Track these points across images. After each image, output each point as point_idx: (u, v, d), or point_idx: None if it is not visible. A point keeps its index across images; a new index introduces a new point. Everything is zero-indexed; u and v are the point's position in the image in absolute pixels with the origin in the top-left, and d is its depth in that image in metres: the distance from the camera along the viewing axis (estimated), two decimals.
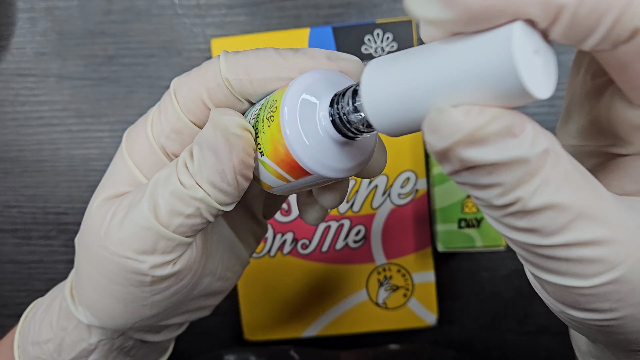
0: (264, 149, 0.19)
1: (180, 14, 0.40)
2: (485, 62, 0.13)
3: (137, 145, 0.23)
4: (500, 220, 0.15)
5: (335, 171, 0.19)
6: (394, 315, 0.39)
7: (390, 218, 0.39)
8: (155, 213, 0.20)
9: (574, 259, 0.14)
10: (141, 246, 0.20)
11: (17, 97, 0.41)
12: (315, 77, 0.19)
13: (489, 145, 0.13)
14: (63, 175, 0.41)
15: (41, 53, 0.41)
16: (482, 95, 0.13)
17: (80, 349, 0.24)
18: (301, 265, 0.39)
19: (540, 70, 0.13)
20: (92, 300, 0.22)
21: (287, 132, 0.18)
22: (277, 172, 0.20)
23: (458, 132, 0.13)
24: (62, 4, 0.40)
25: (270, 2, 0.40)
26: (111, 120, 0.41)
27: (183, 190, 0.20)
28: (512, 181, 0.14)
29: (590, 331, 0.16)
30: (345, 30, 0.37)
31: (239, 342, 0.42)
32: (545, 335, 0.41)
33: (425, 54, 0.15)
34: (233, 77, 0.21)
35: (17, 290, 0.42)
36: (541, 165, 0.13)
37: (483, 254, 0.41)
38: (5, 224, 0.42)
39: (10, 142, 0.41)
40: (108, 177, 0.23)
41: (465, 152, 0.13)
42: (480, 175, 0.14)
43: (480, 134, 0.13)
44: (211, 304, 0.27)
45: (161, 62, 0.40)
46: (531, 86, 0.13)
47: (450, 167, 0.14)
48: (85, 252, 0.22)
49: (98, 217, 0.22)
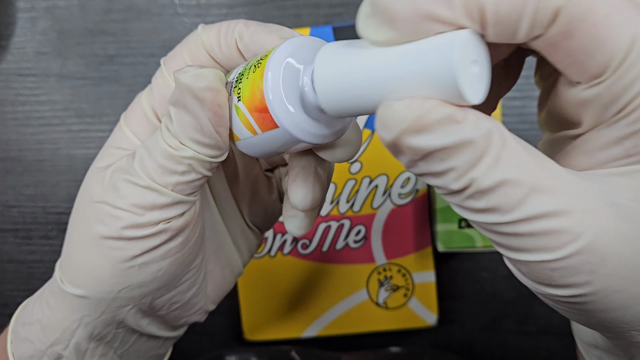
0: (242, 94, 0.20)
1: (180, 13, 0.40)
2: (429, 65, 0.14)
3: (132, 117, 0.24)
4: (461, 205, 0.16)
5: (303, 131, 0.19)
6: (394, 315, 0.39)
7: (391, 218, 0.39)
8: (151, 176, 0.21)
9: (537, 232, 0.15)
10: (141, 202, 0.21)
11: (18, 97, 0.41)
12: (310, 42, 0.20)
13: (434, 132, 0.14)
14: (63, 174, 0.41)
15: (41, 52, 0.41)
16: (425, 93, 0.15)
17: (63, 327, 0.23)
18: (301, 265, 0.39)
19: (476, 78, 0.15)
20: (80, 264, 0.22)
21: (268, 76, 0.19)
22: (247, 121, 0.20)
23: (402, 122, 0.14)
24: (63, 4, 0.40)
25: (271, 2, 0.40)
26: (112, 120, 0.41)
27: (172, 152, 0.20)
28: (463, 164, 0.14)
29: (575, 312, 0.17)
30: (346, 29, 0.37)
31: (239, 342, 0.42)
32: (546, 335, 0.41)
33: (376, 51, 0.16)
34: (205, 40, 0.22)
35: (18, 290, 0.42)
36: (488, 145, 0.14)
37: (483, 254, 0.41)
38: (6, 223, 0.42)
39: (11, 141, 0.41)
40: (106, 147, 0.24)
41: (412, 140, 0.14)
42: (434, 163, 0.15)
43: (423, 122, 0.14)
44: (200, 305, 0.26)
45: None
46: (467, 92, 0.14)
47: (404, 158, 0.15)
48: (81, 210, 0.23)
49: (97, 179, 0.22)
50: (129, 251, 0.21)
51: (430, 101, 0.14)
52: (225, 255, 0.27)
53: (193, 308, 0.26)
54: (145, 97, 0.24)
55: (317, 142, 0.20)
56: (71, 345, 0.24)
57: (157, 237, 0.21)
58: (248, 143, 0.21)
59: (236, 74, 0.21)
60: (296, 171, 0.23)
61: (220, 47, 0.22)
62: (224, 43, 0.22)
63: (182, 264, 0.23)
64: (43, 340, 0.24)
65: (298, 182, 0.22)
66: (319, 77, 0.17)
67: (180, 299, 0.25)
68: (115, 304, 0.23)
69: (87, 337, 0.24)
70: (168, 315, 0.25)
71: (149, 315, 0.25)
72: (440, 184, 0.15)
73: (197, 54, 0.23)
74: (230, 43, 0.22)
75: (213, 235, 0.26)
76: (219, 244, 0.27)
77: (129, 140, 0.24)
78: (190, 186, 0.21)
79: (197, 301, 0.26)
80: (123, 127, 0.24)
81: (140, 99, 0.24)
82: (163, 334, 0.26)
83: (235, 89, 0.20)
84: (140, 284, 0.22)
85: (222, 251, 0.27)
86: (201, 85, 0.19)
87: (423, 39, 0.15)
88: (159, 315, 0.25)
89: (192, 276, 0.25)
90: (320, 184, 0.23)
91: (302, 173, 0.22)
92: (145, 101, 0.24)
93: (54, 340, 0.24)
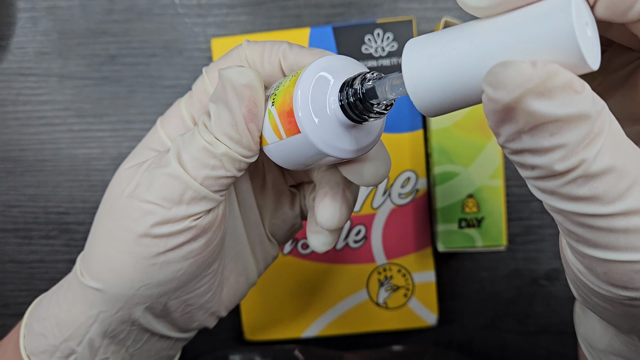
0: (276, 100, 0.20)
1: (181, 13, 0.40)
2: (546, 28, 0.13)
3: (170, 122, 0.24)
4: (558, 191, 0.14)
5: (323, 142, 0.19)
6: (395, 315, 0.40)
7: (391, 218, 0.39)
8: (184, 166, 0.21)
9: (633, 229, 0.14)
10: (169, 194, 0.21)
11: (19, 97, 0.41)
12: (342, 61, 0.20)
13: (556, 98, 0.13)
14: (64, 174, 0.41)
15: (42, 52, 0.41)
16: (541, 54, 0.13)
17: (79, 323, 0.24)
18: (301, 265, 0.39)
19: (590, 42, 0.14)
20: (103, 258, 0.23)
21: (300, 83, 0.19)
22: (276, 124, 0.20)
23: (528, 81, 0.13)
24: (64, 4, 0.40)
25: (272, 2, 0.40)
26: (113, 120, 0.41)
27: (206, 146, 0.21)
28: (575, 141, 0.13)
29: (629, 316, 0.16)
30: (346, 30, 0.37)
31: (239, 342, 0.42)
32: (546, 335, 0.41)
33: (475, 25, 0.15)
34: (249, 56, 0.23)
35: (19, 290, 0.42)
36: (603, 124, 0.13)
37: (483, 254, 0.41)
38: (7, 223, 0.42)
39: (12, 141, 0.41)
40: (138, 147, 0.25)
41: (535, 103, 0.13)
42: (543, 137, 0.13)
43: (549, 85, 0.13)
44: (213, 310, 0.27)
45: (162, 62, 0.40)
46: (587, 55, 0.13)
47: (512, 128, 0.14)
48: (109, 206, 0.23)
49: (128, 175, 0.23)
50: (153, 248, 0.22)
51: (553, 64, 0.13)
52: (243, 263, 0.27)
53: (206, 312, 0.26)
54: (185, 103, 0.24)
55: (337, 155, 0.20)
56: (85, 341, 0.24)
57: (182, 235, 0.22)
58: (274, 148, 0.21)
59: (276, 84, 0.21)
60: (325, 191, 0.23)
61: (262, 64, 0.23)
62: (267, 61, 0.23)
63: (201, 266, 0.23)
64: (57, 335, 0.24)
65: (326, 201, 0.23)
66: (408, 68, 0.16)
67: (195, 302, 0.25)
68: (133, 301, 0.23)
69: (101, 334, 0.24)
70: (181, 317, 0.26)
71: (162, 316, 0.25)
72: (543, 163, 0.14)
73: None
74: (274, 62, 0.23)
75: (234, 242, 0.27)
76: (238, 251, 0.27)
77: (162, 142, 0.24)
78: (218, 183, 0.21)
79: (210, 306, 0.26)
80: (159, 129, 0.24)
81: (179, 104, 0.25)
82: (174, 334, 0.26)
83: (272, 95, 0.21)
84: (160, 282, 0.23)
85: (240, 259, 0.27)
86: (242, 81, 0.20)
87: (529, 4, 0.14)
88: (172, 317, 0.25)
89: (208, 281, 0.25)
90: (347, 205, 0.23)
91: (331, 193, 0.23)
92: (184, 107, 0.24)
93: (68, 335, 0.24)
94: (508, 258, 0.41)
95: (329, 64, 0.20)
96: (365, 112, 0.19)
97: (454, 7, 0.39)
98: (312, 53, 0.22)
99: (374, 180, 0.21)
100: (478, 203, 0.36)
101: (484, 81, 0.14)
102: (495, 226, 0.36)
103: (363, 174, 0.21)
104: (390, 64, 0.38)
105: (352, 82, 0.19)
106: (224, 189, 0.22)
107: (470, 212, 0.36)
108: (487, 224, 0.36)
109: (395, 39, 0.37)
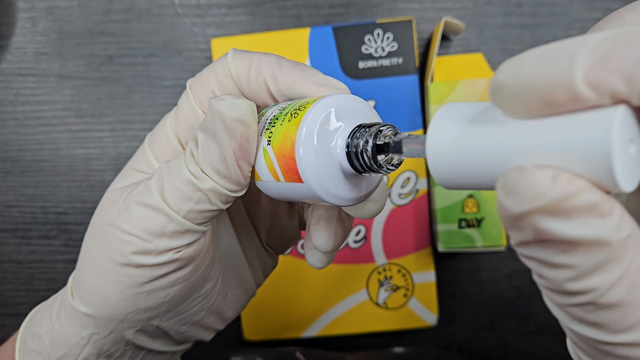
0: (272, 139, 0.19)
1: (180, 13, 0.40)
2: (580, 138, 0.12)
3: (156, 141, 0.23)
4: (564, 308, 0.13)
5: (327, 193, 0.19)
6: (395, 316, 0.39)
7: (391, 218, 0.39)
8: (165, 198, 0.20)
9: (634, 357, 0.13)
10: (150, 227, 0.20)
11: (18, 97, 0.41)
12: (352, 102, 0.19)
13: (572, 219, 0.12)
14: (63, 174, 0.41)
15: (41, 53, 0.41)
16: (569, 165, 0.12)
17: (72, 343, 0.23)
18: (301, 265, 0.39)
19: (632, 162, 0.12)
20: (90, 284, 0.22)
21: (303, 131, 0.18)
22: (273, 166, 0.19)
23: (541, 197, 0.12)
24: (63, 4, 0.40)
25: (271, 2, 0.40)
26: (111, 120, 0.41)
27: (192, 179, 0.20)
28: (587, 265, 0.12)
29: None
30: (346, 30, 0.37)
31: (239, 343, 0.42)
32: (546, 335, 0.41)
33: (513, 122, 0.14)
34: (234, 73, 0.22)
35: (18, 290, 0.42)
36: (623, 253, 0.12)
37: (483, 254, 0.41)
38: (6, 223, 0.42)
39: (11, 141, 0.41)
40: (126, 168, 0.24)
41: (544, 221, 0.12)
42: (553, 252, 0.12)
43: (566, 205, 0.12)
44: (210, 325, 0.26)
45: (161, 62, 0.40)
46: (620, 177, 0.12)
47: (520, 236, 0.13)
48: (94, 231, 0.22)
49: (113, 199, 0.22)
50: (137, 278, 0.21)
51: (579, 180, 0.12)
52: (240, 276, 0.27)
53: (201, 328, 0.26)
54: (170, 122, 0.23)
55: (340, 204, 0.19)
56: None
57: (166, 266, 0.21)
58: (269, 186, 0.20)
59: (271, 116, 0.20)
60: (319, 213, 0.22)
61: (249, 84, 0.22)
62: (254, 81, 0.22)
63: (191, 290, 0.23)
64: (51, 354, 0.24)
65: (321, 225, 0.22)
66: (433, 140, 0.15)
67: (189, 320, 0.25)
68: (124, 325, 0.23)
69: (95, 354, 0.24)
70: (177, 335, 0.25)
71: (157, 336, 0.25)
72: (551, 277, 0.13)
73: (225, 83, 0.22)
74: (261, 82, 0.21)
75: (229, 257, 0.26)
76: (234, 265, 0.26)
77: (149, 163, 0.23)
78: (202, 216, 0.20)
79: (205, 322, 0.26)
80: (146, 150, 0.23)
81: (165, 121, 0.23)
82: (171, 349, 0.26)
83: (267, 131, 0.20)
84: (148, 308, 0.22)
85: (237, 272, 0.27)
86: (234, 116, 0.19)
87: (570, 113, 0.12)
88: (167, 335, 0.25)
89: (201, 300, 0.24)
90: (342, 228, 0.22)
91: (326, 215, 0.22)
92: (169, 125, 0.23)
93: (62, 354, 0.23)
94: (508, 258, 0.41)
95: (333, 105, 0.19)
96: (373, 166, 0.18)
97: (454, 7, 0.39)
98: (304, 76, 0.21)
99: (369, 216, 0.21)
100: (478, 203, 0.36)
101: (498, 182, 0.13)
102: (495, 226, 0.36)
103: (358, 211, 0.21)
104: (390, 64, 0.37)
105: (364, 132, 0.18)
106: (208, 221, 0.21)
107: (470, 212, 0.36)
108: (487, 224, 0.36)
109: (395, 39, 0.37)
